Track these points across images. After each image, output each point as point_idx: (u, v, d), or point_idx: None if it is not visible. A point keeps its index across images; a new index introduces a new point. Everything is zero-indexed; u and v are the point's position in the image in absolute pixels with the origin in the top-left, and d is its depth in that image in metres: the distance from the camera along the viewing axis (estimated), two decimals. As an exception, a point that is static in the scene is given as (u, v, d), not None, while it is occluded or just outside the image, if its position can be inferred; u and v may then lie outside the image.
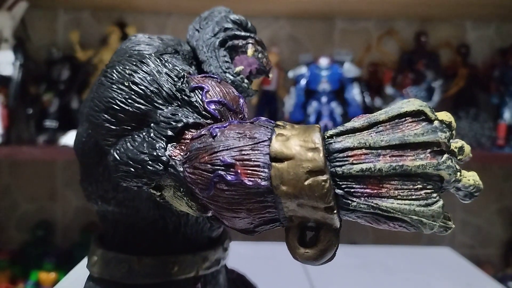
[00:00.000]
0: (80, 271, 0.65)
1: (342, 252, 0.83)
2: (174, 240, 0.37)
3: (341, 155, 0.23)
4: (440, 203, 0.22)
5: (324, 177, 0.22)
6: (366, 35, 1.27)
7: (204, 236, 0.39)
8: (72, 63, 1.14)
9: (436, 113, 0.23)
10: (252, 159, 0.24)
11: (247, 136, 0.25)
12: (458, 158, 0.24)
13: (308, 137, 0.23)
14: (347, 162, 0.22)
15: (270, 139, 0.24)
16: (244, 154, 0.24)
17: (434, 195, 0.22)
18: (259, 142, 0.24)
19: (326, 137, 0.24)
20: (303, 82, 1.13)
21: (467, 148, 0.25)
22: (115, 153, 0.29)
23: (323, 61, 1.12)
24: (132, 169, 0.28)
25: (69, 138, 1.06)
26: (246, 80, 0.37)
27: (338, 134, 0.23)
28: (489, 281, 0.69)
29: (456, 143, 0.24)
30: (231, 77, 0.36)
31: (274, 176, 0.23)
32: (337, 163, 0.22)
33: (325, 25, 1.27)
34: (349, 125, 0.24)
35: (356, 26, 1.28)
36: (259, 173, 0.23)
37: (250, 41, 0.38)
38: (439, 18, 1.26)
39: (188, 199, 0.27)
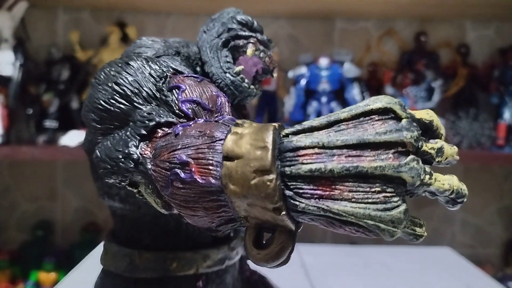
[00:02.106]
0: (80, 271, 0.65)
1: (342, 252, 0.83)
2: (176, 237, 0.38)
3: (291, 154, 0.21)
4: (402, 208, 0.20)
5: (270, 176, 0.21)
6: (366, 35, 1.27)
7: (207, 235, 0.39)
8: (72, 63, 1.14)
9: (416, 111, 0.22)
10: (206, 158, 0.24)
11: (207, 134, 0.25)
12: (437, 160, 0.22)
13: (260, 136, 0.22)
14: (296, 162, 0.21)
15: (226, 138, 0.24)
16: (199, 153, 0.24)
17: (395, 199, 0.20)
18: (216, 141, 0.24)
19: (282, 136, 0.23)
20: (303, 82, 1.13)
21: (449, 150, 0.22)
22: (97, 150, 0.30)
23: (323, 61, 1.12)
24: (109, 166, 0.29)
25: (68, 138, 1.06)
26: (246, 80, 0.37)
27: (295, 133, 0.23)
28: (489, 281, 0.69)
29: (434, 144, 0.22)
30: (231, 77, 0.36)
31: (223, 175, 0.23)
32: (287, 163, 0.21)
33: (325, 25, 1.27)
34: (307, 123, 0.23)
35: (356, 26, 1.28)
36: (211, 171, 0.23)
37: (251, 41, 0.38)
38: (439, 18, 1.26)
39: (155, 196, 0.28)
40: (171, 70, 0.32)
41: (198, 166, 0.24)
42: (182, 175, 0.24)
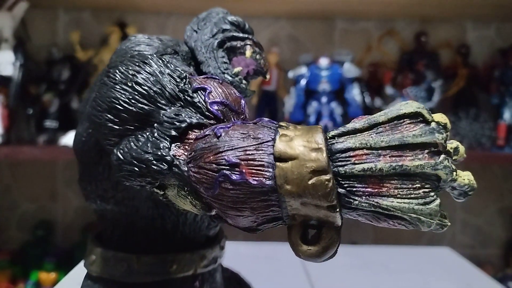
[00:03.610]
0: (80, 271, 0.65)
1: (342, 252, 0.83)
2: (173, 239, 0.38)
3: (343, 155, 0.23)
4: (437, 201, 0.22)
5: (327, 176, 0.23)
6: (366, 35, 1.27)
7: (202, 235, 0.39)
8: (72, 63, 1.14)
9: (433, 115, 0.24)
10: (257, 159, 0.24)
11: (251, 136, 0.25)
12: (454, 158, 0.25)
13: (312, 138, 0.24)
14: (349, 162, 0.23)
15: (274, 140, 0.24)
16: (248, 154, 0.24)
17: (432, 194, 0.22)
18: (263, 143, 0.24)
19: (328, 137, 0.24)
20: (303, 82, 1.13)
21: (462, 148, 0.26)
22: (118, 152, 0.29)
23: (323, 61, 1.12)
24: (136, 169, 0.28)
25: (69, 138, 1.06)
26: (244, 81, 0.37)
27: (340, 135, 0.24)
28: (489, 281, 0.69)
29: (451, 144, 0.25)
30: (230, 78, 0.36)
31: (278, 176, 0.23)
32: (340, 163, 0.23)
33: (325, 25, 1.27)
34: (350, 126, 0.24)
35: (356, 26, 1.28)
36: (263, 172, 0.24)
37: (248, 43, 0.38)
38: (439, 18, 1.26)
39: (192, 198, 0.27)
40: (184, 70, 0.32)
41: (248, 167, 0.24)
42: (233, 176, 0.24)
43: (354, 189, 0.23)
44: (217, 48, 0.37)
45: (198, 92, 0.30)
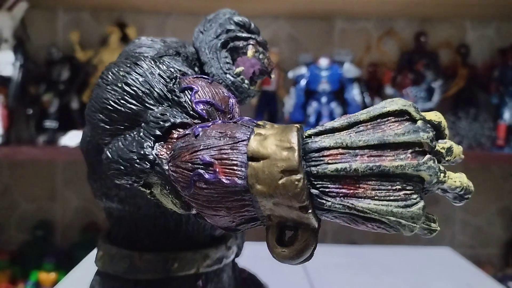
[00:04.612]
0: (80, 271, 0.65)
1: (342, 252, 0.83)
2: (176, 238, 0.38)
3: (316, 154, 0.22)
4: (421, 204, 0.21)
5: (298, 176, 0.22)
6: (366, 35, 1.27)
7: (206, 235, 0.39)
8: (72, 64, 1.14)
9: (425, 113, 0.23)
10: (231, 158, 0.24)
11: (228, 135, 0.25)
12: (446, 159, 0.24)
13: (285, 137, 0.23)
14: (322, 162, 0.22)
15: (249, 139, 0.24)
16: (223, 153, 0.24)
17: (414, 196, 0.21)
18: (239, 142, 0.24)
19: (304, 136, 0.24)
20: (303, 82, 1.13)
21: (457, 149, 0.24)
22: (107, 151, 0.30)
23: (323, 61, 1.12)
24: (122, 167, 0.28)
25: (68, 139, 1.06)
26: (246, 81, 0.37)
27: (317, 134, 0.23)
28: (489, 281, 0.69)
29: (444, 144, 0.23)
30: (232, 78, 0.37)
31: (250, 175, 0.23)
32: (313, 163, 0.22)
33: (325, 25, 1.27)
34: (328, 125, 0.23)
35: (356, 26, 1.28)
36: (236, 172, 0.24)
37: (251, 42, 0.38)
38: (439, 18, 1.26)
39: (173, 196, 0.28)
40: (178, 71, 0.32)
41: (222, 166, 0.24)
42: (206, 175, 0.24)
43: (327, 190, 0.22)
44: (220, 49, 0.38)
45: (185, 91, 0.30)
